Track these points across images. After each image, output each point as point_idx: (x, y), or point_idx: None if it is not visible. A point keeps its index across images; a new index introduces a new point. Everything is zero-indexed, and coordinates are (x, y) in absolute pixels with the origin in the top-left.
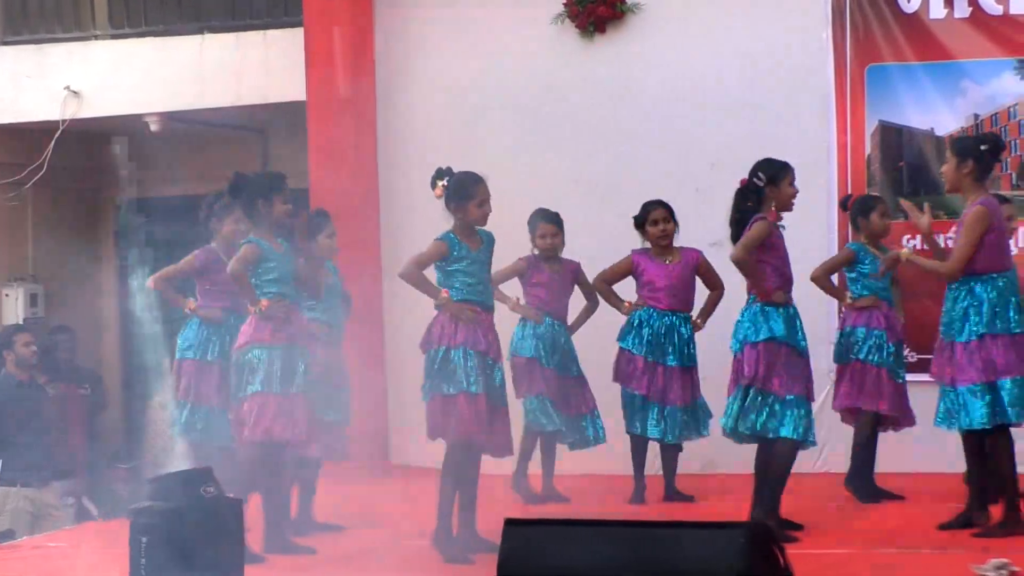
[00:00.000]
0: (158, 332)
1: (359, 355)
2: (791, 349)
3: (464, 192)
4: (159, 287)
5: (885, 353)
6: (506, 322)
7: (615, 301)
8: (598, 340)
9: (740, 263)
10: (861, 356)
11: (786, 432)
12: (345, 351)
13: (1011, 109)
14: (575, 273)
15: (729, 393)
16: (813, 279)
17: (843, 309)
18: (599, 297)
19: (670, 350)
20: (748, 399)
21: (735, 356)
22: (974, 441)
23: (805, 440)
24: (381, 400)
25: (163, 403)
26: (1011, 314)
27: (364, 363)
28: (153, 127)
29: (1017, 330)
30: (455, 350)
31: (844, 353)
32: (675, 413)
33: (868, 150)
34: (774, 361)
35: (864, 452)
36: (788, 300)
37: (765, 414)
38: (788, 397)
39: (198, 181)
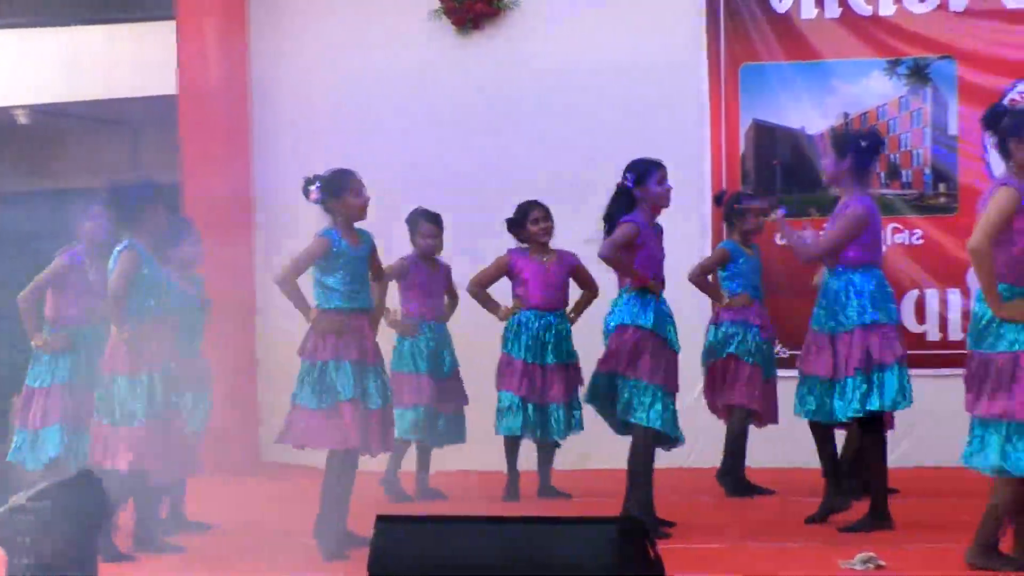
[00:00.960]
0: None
1: (231, 358)
2: (660, 340)
3: (338, 185)
4: (25, 304)
5: (757, 349)
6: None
7: (492, 306)
8: (477, 341)
9: (607, 261)
10: (734, 352)
11: (641, 418)
12: (209, 356)
13: (879, 109)
14: (449, 275)
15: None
16: (691, 280)
17: (717, 307)
18: (476, 301)
19: (550, 349)
20: (611, 383)
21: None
22: (823, 431)
23: (667, 432)
24: (251, 404)
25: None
26: (891, 304)
27: (235, 367)
28: (21, 120)
29: (896, 320)
30: (327, 363)
31: (717, 349)
32: (556, 411)
33: (742, 148)
34: (642, 348)
35: (736, 447)
36: (659, 290)
37: (626, 398)
38: (650, 385)
39: (66, 175)
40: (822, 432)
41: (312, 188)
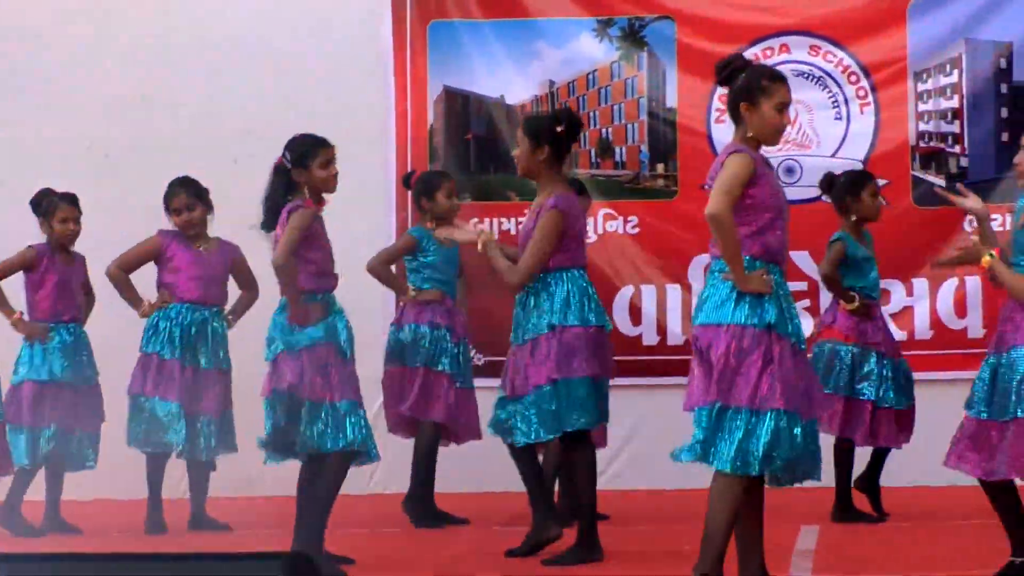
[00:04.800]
0: None
1: None
2: (336, 350)
3: None
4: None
5: (448, 355)
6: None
7: (133, 296)
8: (115, 340)
9: (278, 270)
10: (420, 359)
11: (344, 442)
12: None
13: (590, 76)
14: (85, 267)
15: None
16: (370, 270)
17: (401, 303)
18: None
19: (203, 351)
20: (294, 410)
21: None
22: (527, 454)
23: (366, 451)
24: None
25: None
26: (587, 310)
27: None
28: None
29: (587, 328)
30: None
31: (399, 354)
32: (208, 425)
33: (431, 120)
34: (325, 365)
35: (424, 469)
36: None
37: (319, 425)
38: (342, 403)
39: None
40: (525, 452)
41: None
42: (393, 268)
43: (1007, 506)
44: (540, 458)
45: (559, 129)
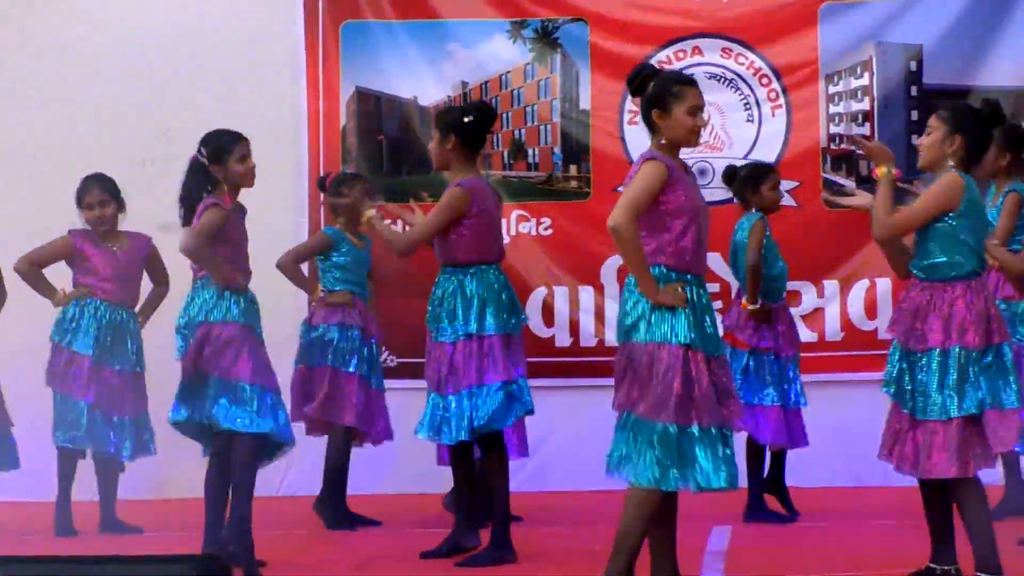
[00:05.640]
0: None
1: None
2: (254, 335)
3: None
4: None
5: (360, 356)
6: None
7: (46, 286)
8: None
9: (191, 254)
10: (329, 359)
11: (244, 424)
12: None
13: (503, 77)
14: None
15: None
16: (280, 266)
17: (312, 304)
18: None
19: (119, 352)
20: (198, 384)
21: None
22: (462, 457)
23: (281, 437)
24: None
25: None
26: (504, 313)
27: None
28: None
29: (512, 330)
30: None
31: (309, 354)
32: (124, 427)
33: (344, 120)
34: (239, 345)
35: (336, 472)
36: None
37: (224, 402)
38: (251, 385)
39: None
40: (460, 453)
41: None
42: (307, 268)
43: (938, 510)
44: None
45: (467, 119)
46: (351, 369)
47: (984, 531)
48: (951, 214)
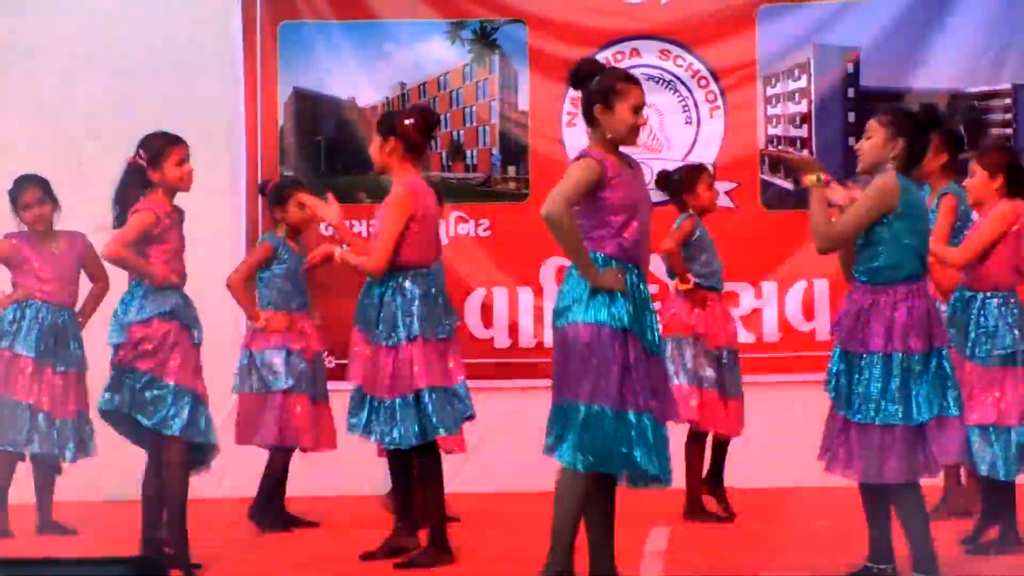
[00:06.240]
0: None
1: None
2: (188, 334)
3: None
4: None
5: (302, 377)
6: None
7: None
8: None
9: (115, 260)
10: (273, 384)
11: (178, 427)
12: None
13: (441, 78)
14: None
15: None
16: (229, 287)
17: (255, 328)
18: None
19: (63, 353)
20: (130, 381)
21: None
22: (400, 459)
23: (206, 439)
24: None
25: None
26: (442, 317)
27: None
28: None
29: (449, 334)
30: None
31: (253, 381)
32: (65, 428)
33: (281, 121)
34: (172, 343)
35: (273, 475)
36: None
37: (153, 402)
38: (179, 387)
39: None
40: (399, 455)
41: None
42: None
43: (877, 511)
44: None
45: (408, 122)
46: (298, 391)
47: (922, 533)
48: (889, 216)
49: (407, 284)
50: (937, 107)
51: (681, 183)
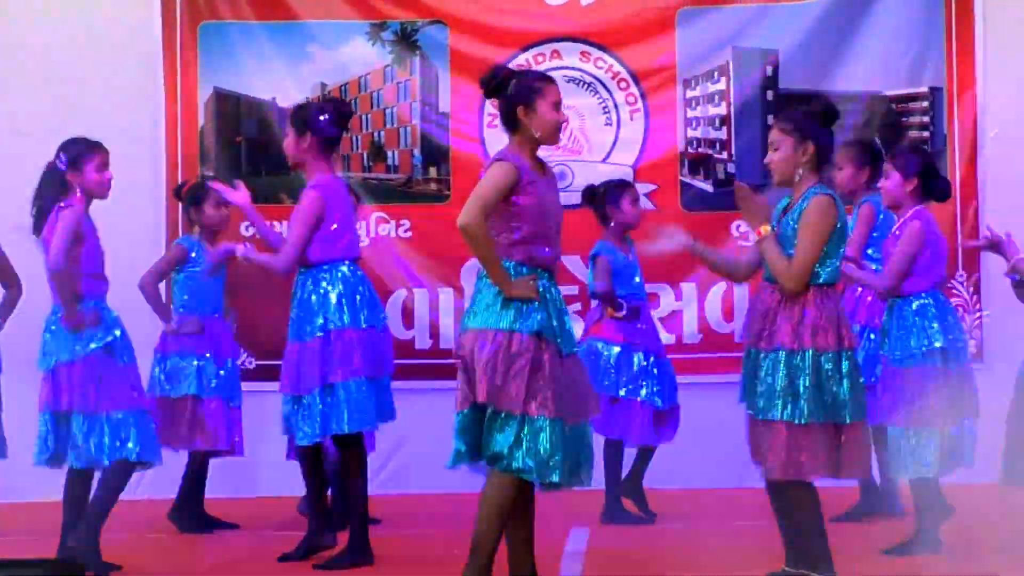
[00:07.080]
0: None
1: None
2: (112, 357)
3: None
4: None
5: (221, 384)
6: None
7: None
8: None
9: (57, 273)
10: (186, 389)
11: (123, 453)
12: None
13: (362, 79)
14: None
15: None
16: (142, 287)
17: (166, 330)
18: None
19: None
20: (64, 426)
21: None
22: (309, 459)
23: (142, 458)
24: None
25: None
26: (360, 309)
27: None
28: None
29: (374, 324)
30: None
31: (166, 385)
32: None
33: (202, 121)
34: (98, 376)
35: (193, 477)
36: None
37: (96, 438)
38: (118, 412)
39: None
40: (311, 453)
41: None
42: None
43: (785, 510)
44: None
45: (323, 117)
46: (209, 395)
47: (815, 531)
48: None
49: (324, 279)
50: (829, 98)
51: (606, 198)
